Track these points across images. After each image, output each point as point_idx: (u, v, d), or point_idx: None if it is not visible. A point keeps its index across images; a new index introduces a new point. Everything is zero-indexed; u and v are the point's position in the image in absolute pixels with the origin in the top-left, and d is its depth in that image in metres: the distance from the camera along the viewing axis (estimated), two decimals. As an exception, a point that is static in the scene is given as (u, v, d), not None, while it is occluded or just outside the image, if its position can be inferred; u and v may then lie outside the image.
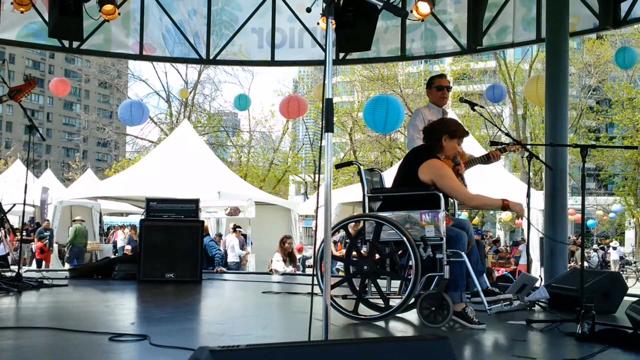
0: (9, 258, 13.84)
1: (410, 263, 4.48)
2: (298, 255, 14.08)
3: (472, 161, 5.75)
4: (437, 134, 4.79)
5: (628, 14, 9.05)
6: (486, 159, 5.77)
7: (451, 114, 17.30)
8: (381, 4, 3.32)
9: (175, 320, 4.64)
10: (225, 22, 11.32)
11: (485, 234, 32.86)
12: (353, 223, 5.42)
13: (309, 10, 3.49)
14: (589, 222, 36.64)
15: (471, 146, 13.85)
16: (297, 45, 11.22)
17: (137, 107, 13.78)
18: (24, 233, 16.32)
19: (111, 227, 26.54)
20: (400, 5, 9.85)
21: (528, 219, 6.91)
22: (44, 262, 16.35)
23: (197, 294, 6.67)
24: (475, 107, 6.11)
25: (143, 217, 7.81)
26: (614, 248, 29.58)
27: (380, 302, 4.68)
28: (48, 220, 17.52)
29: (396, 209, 4.61)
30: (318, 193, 3.74)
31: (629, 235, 41.64)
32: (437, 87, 5.84)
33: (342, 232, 5.17)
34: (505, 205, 4.68)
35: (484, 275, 4.85)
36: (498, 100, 16.15)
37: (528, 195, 6.57)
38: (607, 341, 3.79)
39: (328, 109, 3.05)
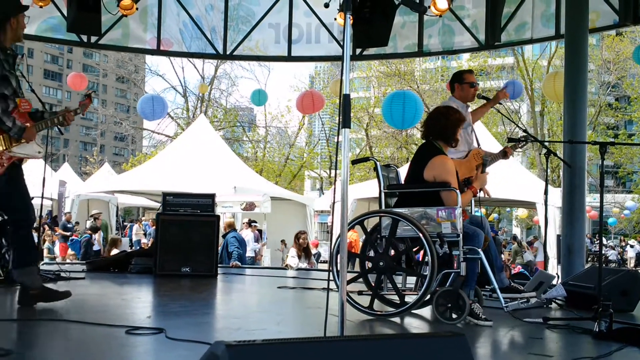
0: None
1: (426, 259, 4.47)
2: (313, 251, 14.08)
3: (492, 158, 5.73)
4: (456, 131, 4.79)
5: (648, 10, 8.95)
6: (503, 155, 5.79)
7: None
8: (399, -1, 3.30)
9: (191, 314, 4.66)
10: (242, 17, 11.33)
11: (503, 230, 32.69)
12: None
13: (326, 5, 3.47)
14: (609, 220, 36.31)
15: (488, 142, 13.78)
16: (314, 40, 11.20)
17: (158, 102, 13.86)
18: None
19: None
20: (418, 1, 9.80)
21: (545, 216, 6.88)
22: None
23: (212, 288, 6.70)
24: (493, 104, 6.08)
25: (159, 211, 7.85)
26: (631, 246, 29.28)
27: (395, 298, 4.68)
28: (69, 213, 17.67)
29: (412, 205, 4.60)
30: (335, 188, 3.74)
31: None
32: (469, 83, 5.76)
33: None
34: (475, 192, 4.84)
35: (503, 272, 4.84)
36: (515, 97, 16.05)
37: (546, 193, 6.53)
38: (625, 340, 3.76)
39: (345, 104, 3.04)
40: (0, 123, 4.39)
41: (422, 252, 4.84)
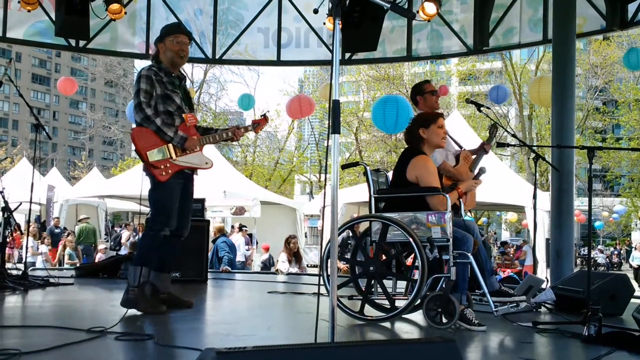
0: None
1: (416, 264, 4.47)
2: (265, 256, 14.03)
3: (476, 158, 5.79)
4: (414, 131, 4.84)
5: (635, 15, 9.02)
6: (484, 151, 5.82)
7: (456, 114, 17.33)
8: (388, 5, 3.30)
9: (181, 320, 4.64)
10: (231, 21, 11.34)
11: (491, 233, 32.82)
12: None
13: (316, 11, 3.49)
14: (596, 223, 36.50)
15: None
16: (303, 45, 11.23)
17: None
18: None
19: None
20: (406, 6, 9.84)
21: (534, 220, 6.90)
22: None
23: (202, 293, 6.68)
24: (482, 108, 6.13)
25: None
26: (635, 248, 29.11)
27: (386, 303, 4.68)
28: (58, 218, 17.57)
29: (399, 209, 4.61)
30: (325, 193, 3.74)
31: (635, 236, 41.52)
32: (430, 92, 5.81)
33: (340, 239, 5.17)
34: (460, 194, 4.84)
35: (493, 276, 4.86)
36: (501, 101, 16.14)
37: (534, 197, 6.55)
38: (614, 344, 3.78)
39: (335, 110, 3.04)
40: (162, 134, 4.74)
41: (412, 256, 4.85)
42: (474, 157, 5.79)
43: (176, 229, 4.96)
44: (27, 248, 8.31)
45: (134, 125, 4.98)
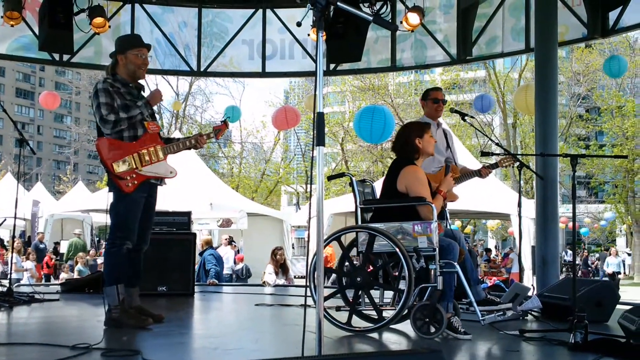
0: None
1: (403, 274, 4.47)
2: (240, 265, 13.99)
3: (467, 174, 5.82)
4: (411, 142, 4.82)
5: (616, 23, 9.11)
6: (478, 174, 5.86)
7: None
8: (371, 17, 3.33)
9: (168, 335, 4.61)
10: (215, 33, 11.35)
11: (478, 243, 32.90)
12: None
13: (299, 24, 3.50)
14: (582, 230, 36.68)
15: (462, 156, 13.91)
16: (287, 56, 11.26)
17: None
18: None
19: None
20: (390, 17, 9.90)
21: (520, 228, 6.94)
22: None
23: (189, 307, 6.65)
24: (466, 118, 6.17)
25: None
26: (629, 254, 29.13)
27: (373, 313, 4.68)
28: (42, 233, 17.44)
29: (388, 220, 4.62)
30: (310, 204, 3.75)
31: (620, 242, 41.78)
32: (432, 99, 5.91)
33: None
34: (445, 196, 4.84)
35: (479, 284, 4.87)
36: (486, 110, 16.21)
37: (519, 205, 6.59)
38: (600, 351, 3.80)
39: (319, 122, 3.05)
40: (133, 118, 4.76)
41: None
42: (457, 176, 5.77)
43: (137, 243, 4.91)
44: (11, 264, 8.23)
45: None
